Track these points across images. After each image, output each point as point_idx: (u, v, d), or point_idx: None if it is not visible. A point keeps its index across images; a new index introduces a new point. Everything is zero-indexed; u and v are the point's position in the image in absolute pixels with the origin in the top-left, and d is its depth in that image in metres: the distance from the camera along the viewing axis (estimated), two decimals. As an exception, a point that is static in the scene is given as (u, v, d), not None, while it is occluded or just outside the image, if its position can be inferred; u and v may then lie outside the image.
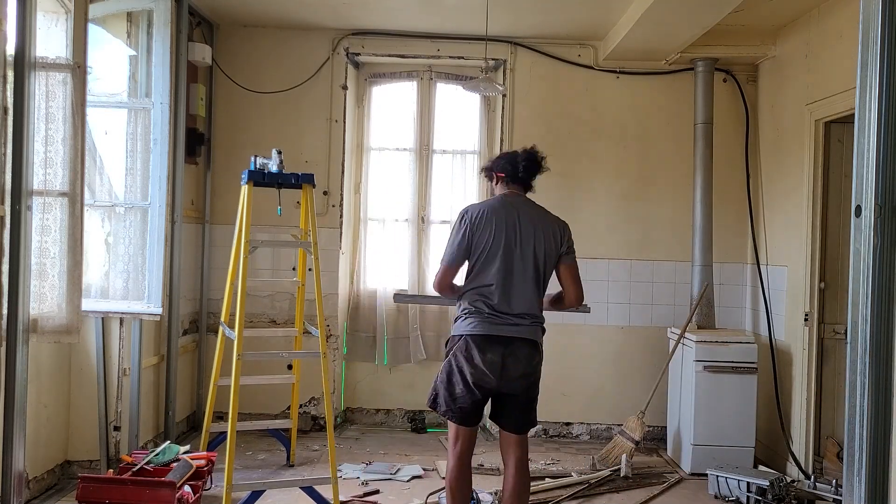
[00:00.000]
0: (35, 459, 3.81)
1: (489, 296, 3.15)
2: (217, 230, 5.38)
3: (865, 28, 1.51)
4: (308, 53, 5.45)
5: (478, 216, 3.19)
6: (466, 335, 3.14)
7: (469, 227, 3.18)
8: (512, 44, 5.45)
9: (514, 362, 3.13)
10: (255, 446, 4.96)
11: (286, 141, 5.33)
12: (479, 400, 3.17)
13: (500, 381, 3.13)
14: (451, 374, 3.18)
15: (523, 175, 3.31)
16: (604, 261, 5.46)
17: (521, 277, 3.17)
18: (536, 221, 3.24)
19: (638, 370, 5.39)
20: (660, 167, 5.47)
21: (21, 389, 2.87)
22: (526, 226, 3.20)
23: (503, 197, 3.31)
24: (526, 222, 3.21)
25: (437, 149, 5.74)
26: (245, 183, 3.91)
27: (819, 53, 4.47)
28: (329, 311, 5.34)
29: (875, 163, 1.48)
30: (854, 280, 1.53)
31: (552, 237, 3.24)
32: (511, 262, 3.17)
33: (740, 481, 4.10)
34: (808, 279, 4.49)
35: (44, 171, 3.17)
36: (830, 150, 4.52)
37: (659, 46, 5.00)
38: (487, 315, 3.14)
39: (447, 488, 3.26)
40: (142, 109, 4.36)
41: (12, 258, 2.80)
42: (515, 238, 3.18)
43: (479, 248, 3.17)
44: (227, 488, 3.53)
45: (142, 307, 4.24)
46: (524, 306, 3.17)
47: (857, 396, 1.51)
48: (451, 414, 3.19)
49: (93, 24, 3.77)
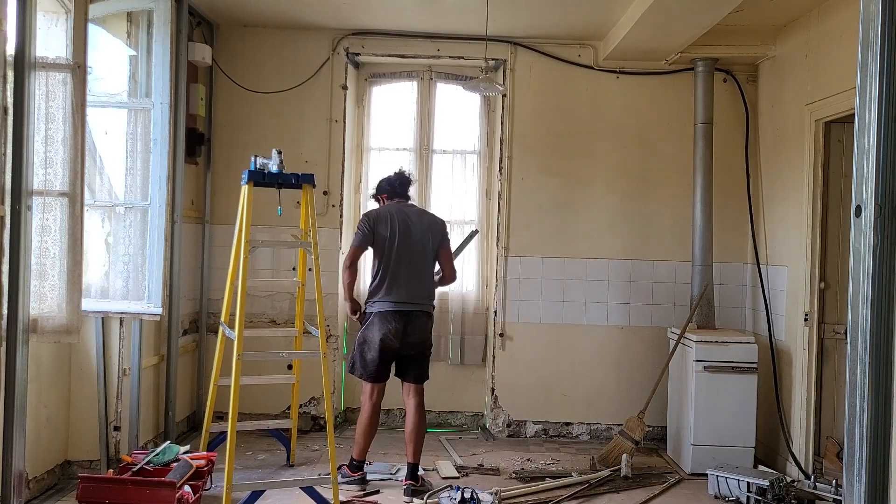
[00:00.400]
0: (35, 459, 3.81)
1: (393, 279, 4.12)
2: (217, 230, 5.38)
3: (865, 28, 1.51)
4: (308, 53, 5.45)
5: (376, 217, 4.18)
6: (376, 312, 4.12)
7: (370, 224, 4.14)
8: (512, 44, 5.45)
9: (413, 330, 4.15)
10: (255, 446, 4.96)
11: (286, 141, 5.33)
12: (388, 361, 4.22)
13: (402, 346, 4.14)
14: (363, 345, 4.19)
15: (400, 190, 4.34)
16: (604, 261, 5.46)
17: (415, 263, 4.17)
18: (421, 219, 4.26)
19: (638, 370, 5.40)
20: (660, 167, 5.47)
21: (21, 389, 2.87)
22: (413, 223, 4.20)
23: (394, 204, 4.30)
24: (413, 220, 4.21)
25: (437, 149, 5.74)
26: (245, 183, 3.91)
27: (819, 53, 4.47)
28: (329, 311, 5.34)
29: (875, 163, 1.48)
30: (854, 280, 1.53)
31: (433, 230, 4.24)
32: (406, 251, 4.14)
33: (740, 481, 4.11)
34: (808, 279, 4.49)
35: (44, 171, 3.17)
36: (830, 150, 4.52)
37: (659, 46, 5.00)
38: (393, 295, 4.11)
39: (364, 428, 4.23)
40: (142, 109, 4.36)
41: (12, 258, 2.80)
42: (408, 232, 4.16)
43: (381, 241, 4.13)
44: (227, 488, 3.53)
45: (142, 307, 4.24)
46: (420, 285, 4.18)
47: (857, 396, 1.52)
48: (366, 376, 4.21)
49: (93, 24, 3.77)
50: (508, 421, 5.46)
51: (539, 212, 5.46)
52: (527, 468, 4.67)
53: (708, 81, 5.18)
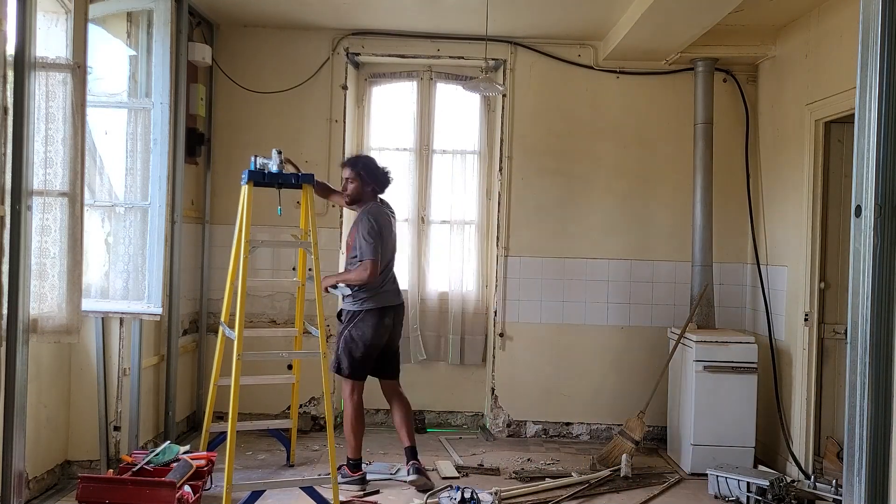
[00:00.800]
0: (35, 459, 3.81)
1: (384, 277, 4.28)
2: (217, 230, 5.38)
3: (865, 28, 1.51)
4: (308, 53, 5.45)
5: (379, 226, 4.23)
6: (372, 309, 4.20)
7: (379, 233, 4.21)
8: (512, 44, 5.45)
9: (399, 322, 4.40)
10: (255, 446, 4.96)
11: (286, 141, 5.33)
12: (375, 358, 4.31)
13: (390, 340, 4.33)
14: (352, 343, 4.21)
15: (384, 189, 4.43)
16: (604, 261, 5.46)
17: (394, 260, 4.42)
18: (392, 217, 4.45)
19: (638, 370, 5.40)
20: (660, 167, 5.47)
21: (21, 389, 2.87)
22: (392, 223, 4.42)
23: (378, 205, 4.36)
24: (392, 220, 4.42)
25: (437, 149, 5.74)
26: (245, 183, 3.91)
27: (819, 53, 4.47)
28: (329, 311, 5.33)
29: (875, 163, 1.48)
30: (854, 280, 1.53)
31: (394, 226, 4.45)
32: (392, 251, 4.38)
33: (740, 481, 4.11)
34: (808, 279, 4.49)
35: (44, 171, 3.17)
36: (830, 150, 4.52)
37: (659, 46, 5.00)
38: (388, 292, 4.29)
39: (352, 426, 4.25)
40: (142, 109, 4.36)
41: (12, 258, 2.80)
42: (392, 234, 4.37)
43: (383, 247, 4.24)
44: (227, 488, 3.53)
45: (142, 307, 4.24)
46: (397, 281, 4.43)
47: (857, 396, 1.52)
48: (356, 374, 4.24)
49: (93, 24, 3.77)
50: (508, 421, 5.46)
51: (539, 212, 5.46)
52: (527, 468, 4.67)
53: (708, 81, 5.18)
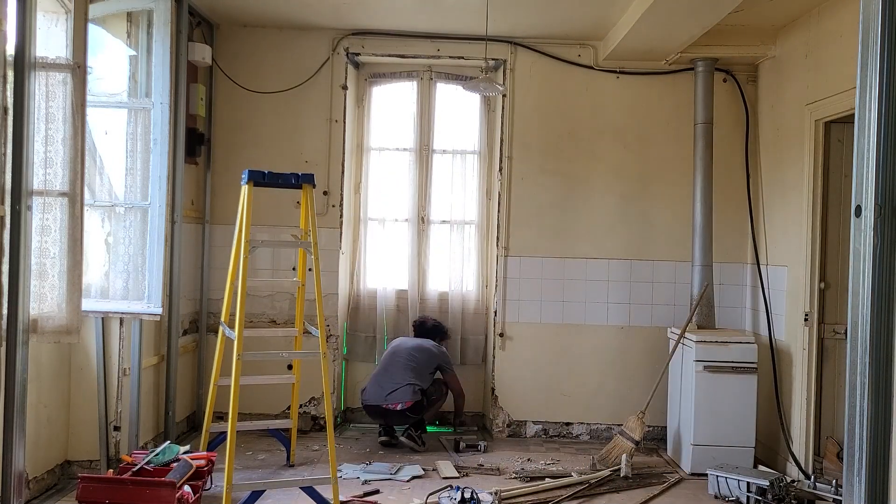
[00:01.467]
0: (35, 459, 3.81)
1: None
2: (217, 230, 5.38)
3: (865, 28, 1.51)
4: (308, 53, 5.45)
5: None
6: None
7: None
8: (512, 44, 5.45)
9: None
10: (255, 446, 4.96)
11: (286, 141, 5.33)
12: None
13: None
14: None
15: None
16: (604, 261, 5.46)
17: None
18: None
19: (638, 370, 5.40)
20: (660, 167, 5.47)
21: (21, 389, 2.87)
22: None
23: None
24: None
25: (437, 149, 5.74)
26: (245, 183, 3.91)
27: (819, 53, 4.47)
28: (329, 311, 5.34)
29: (875, 163, 1.48)
30: (854, 280, 1.53)
31: None
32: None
33: (740, 481, 4.10)
34: (808, 279, 4.49)
35: (44, 171, 3.17)
36: (830, 150, 4.52)
37: (659, 46, 5.00)
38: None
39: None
40: (142, 109, 4.36)
41: (12, 258, 2.80)
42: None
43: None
44: (227, 488, 3.53)
45: (142, 307, 4.24)
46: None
47: (857, 396, 1.51)
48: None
49: (93, 24, 3.77)
50: (508, 421, 5.46)
51: (539, 212, 5.46)
52: (527, 468, 4.67)
53: (708, 81, 5.18)
